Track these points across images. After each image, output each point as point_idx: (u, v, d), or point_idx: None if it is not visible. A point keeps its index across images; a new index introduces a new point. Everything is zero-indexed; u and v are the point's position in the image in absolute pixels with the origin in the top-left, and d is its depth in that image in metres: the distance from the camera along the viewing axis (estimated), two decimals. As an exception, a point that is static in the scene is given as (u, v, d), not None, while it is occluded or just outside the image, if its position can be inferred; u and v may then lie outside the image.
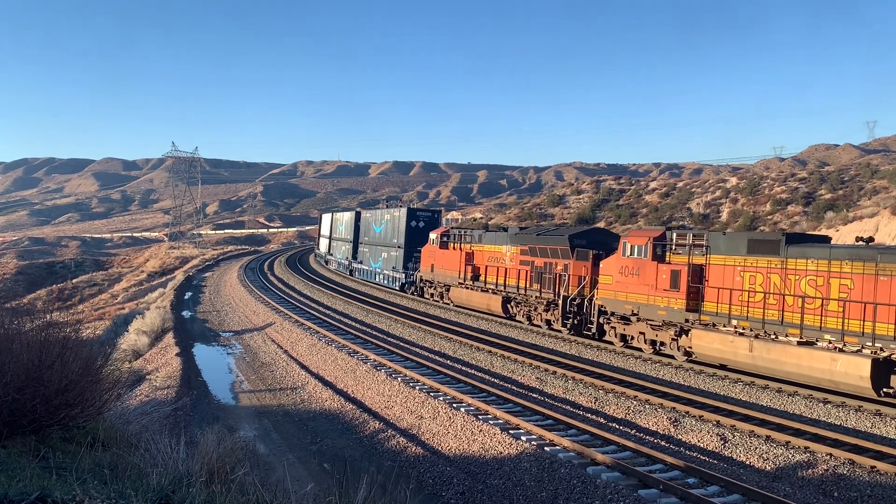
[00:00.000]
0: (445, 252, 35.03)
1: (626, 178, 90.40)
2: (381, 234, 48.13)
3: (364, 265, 51.78)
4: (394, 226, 45.36)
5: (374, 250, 49.27)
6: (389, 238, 45.86)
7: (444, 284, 35.42)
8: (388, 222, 46.85)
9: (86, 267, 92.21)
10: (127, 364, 23.47)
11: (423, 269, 37.76)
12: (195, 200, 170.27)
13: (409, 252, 41.85)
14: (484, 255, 32.05)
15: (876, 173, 57.27)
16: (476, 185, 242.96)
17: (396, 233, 44.44)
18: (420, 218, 44.12)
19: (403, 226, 43.29)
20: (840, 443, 13.34)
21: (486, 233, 33.01)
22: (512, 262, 29.58)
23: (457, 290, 33.40)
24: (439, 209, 65.29)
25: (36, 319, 10.32)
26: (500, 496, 11.32)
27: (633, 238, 22.63)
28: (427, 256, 37.18)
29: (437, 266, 35.76)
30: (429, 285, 37.75)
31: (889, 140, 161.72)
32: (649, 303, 21.35)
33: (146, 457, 7.60)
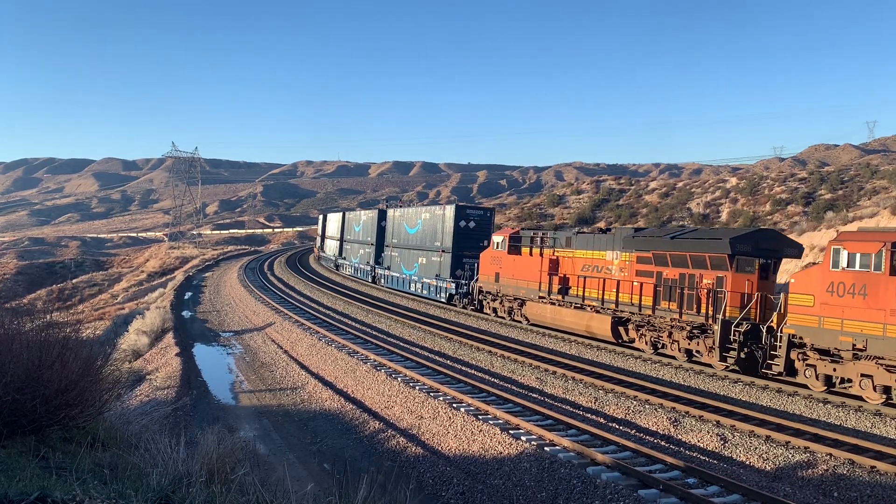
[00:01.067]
0: (517, 259, 28.92)
1: (626, 178, 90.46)
2: (418, 236, 41.45)
3: (393, 272, 44.77)
4: (435, 226, 38.68)
5: (408, 255, 42.54)
6: (429, 241, 39.31)
7: (515, 298, 29.36)
8: (426, 222, 40.36)
9: (86, 267, 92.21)
10: (127, 364, 23.48)
11: (483, 279, 31.52)
12: (195, 200, 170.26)
13: (457, 258, 35.44)
14: (576, 262, 25.95)
15: (876, 173, 57.28)
16: (476, 185, 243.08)
17: (440, 235, 37.80)
18: (471, 217, 37.07)
19: (450, 226, 36.47)
20: (840, 443, 13.33)
21: (577, 235, 26.78)
22: (623, 273, 23.41)
23: (536, 306, 27.48)
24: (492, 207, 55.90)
25: (36, 319, 10.32)
26: (500, 496, 11.32)
27: (853, 243, 16.40)
28: (489, 263, 31.02)
29: (505, 275, 29.75)
30: (491, 298, 31.46)
31: (889, 140, 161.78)
32: (887, 334, 15.33)
33: (146, 457, 7.60)
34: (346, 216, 61.78)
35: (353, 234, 56.98)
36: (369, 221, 52.14)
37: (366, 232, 52.74)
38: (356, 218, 57.94)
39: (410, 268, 41.85)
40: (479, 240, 35.39)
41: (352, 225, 58.30)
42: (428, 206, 44.90)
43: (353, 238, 57.28)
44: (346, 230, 59.86)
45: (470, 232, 36.47)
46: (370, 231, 51.16)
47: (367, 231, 52.59)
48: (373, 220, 50.97)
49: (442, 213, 38.34)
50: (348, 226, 59.71)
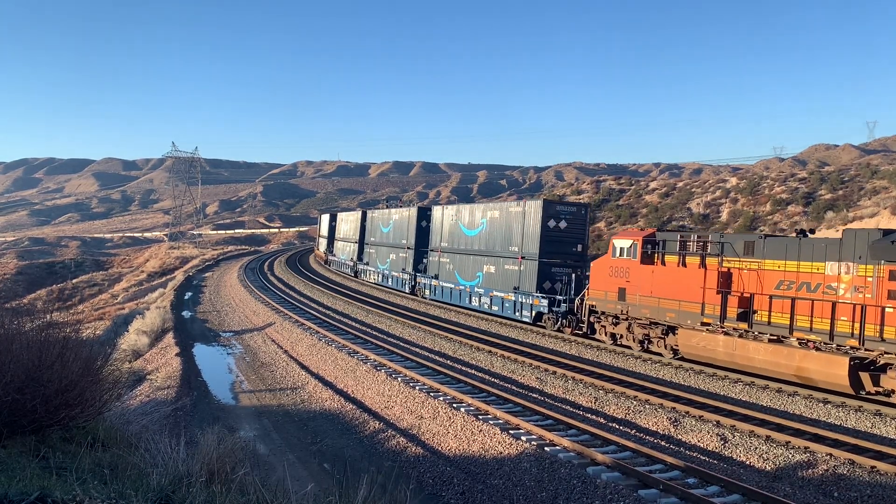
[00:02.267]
0: (658, 270, 21.76)
1: (626, 178, 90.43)
2: (481, 238, 33.94)
3: (444, 282, 36.95)
4: (510, 227, 31.28)
5: (466, 262, 34.98)
6: (499, 245, 31.97)
7: (653, 322, 21.99)
8: (494, 223, 32.82)
9: (86, 267, 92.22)
10: (127, 364, 23.47)
11: (597, 295, 24.27)
12: (195, 200, 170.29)
13: (545, 266, 28.49)
14: (764, 277, 18.98)
15: (876, 173, 57.27)
16: (476, 185, 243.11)
17: (518, 237, 30.45)
18: (562, 215, 29.11)
19: (535, 227, 28.98)
20: (840, 443, 13.33)
21: (766, 240, 19.42)
22: (862, 293, 16.53)
23: (695, 336, 20.23)
24: (587, 202, 46.73)
25: (36, 319, 10.32)
26: (500, 496, 11.32)
27: None
28: (606, 276, 23.77)
29: (637, 292, 22.41)
30: (611, 321, 23.81)
31: (889, 140, 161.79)
32: None
33: (146, 457, 7.60)
34: (370, 215, 54.10)
35: (380, 236, 49.59)
36: (404, 221, 45.12)
37: (399, 233, 45.71)
38: (383, 217, 50.27)
39: (470, 277, 34.36)
40: (571, 244, 28.99)
41: (376, 225, 50.99)
42: (496, 203, 36.93)
43: (379, 240, 49.59)
44: (370, 231, 52.59)
45: (560, 234, 28.94)
46: (406, 233, 44.15)
47: (400, 233, 45.51)
48: (409, 220, 44.07)
49: (521, 211, 30.45)
50: (371, 226, 52.51)
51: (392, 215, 48.40)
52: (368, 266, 51.58)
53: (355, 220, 58.30)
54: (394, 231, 46.83)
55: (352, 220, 60.55)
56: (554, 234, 28.83)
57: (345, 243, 61.96)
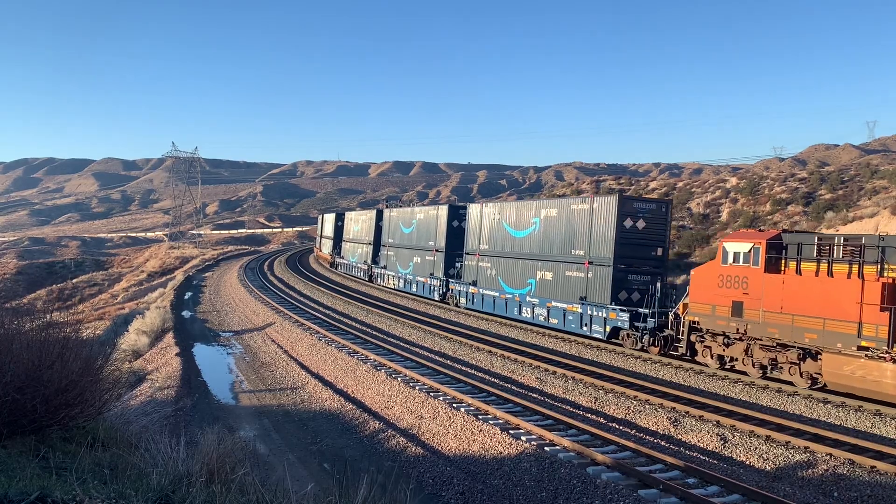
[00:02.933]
0: (791, 281, 17.95)
1: (626, 178, 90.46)
2: (533, 240, 29.60)
3: (484, 289, 32.82)
4: (571, 227, 27.12)
5: (512, 268, 30.81)
6: (557, 248, 27.84)
7: (783, 345, 18.27)
8: (550, 222, 28.50)
9: (86, 267, 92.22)
10: (127, 364, 23.49)
11: (699, 309, 20.46)
12: (195, 200, 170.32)
13: (620, 274, 24.57)
14: None
15: (876, 173, 57.29)
16: (476, 185, 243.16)
17: (582, 239, 26.35)
18: (639, 214, 25.05)
19: (607, 228, 24.91)
20: (840, 443, 13.34)
21: None
22: None
23: (851, 363, 16.29)
24: (668, 199, 41.54)
25: (36, 319, 10.32)
26: (500, 496, 11.32)
27: None
28: (713, 286, 19.94)
29: (760, 306, 18.56)
30: (721, 341, 19.96)
31: (889, 140, 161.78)
32: None
33: (146, 457, 7.60)
34: (388, 215, 49.37)
35: (400, 238, 45.41)
36: (431, 221, 40.79)
37: (424, 234, 41.47)
38: (403, 216, 45.95)
39: (519, 285, 29.99)
40: (650, 247, 25.05)
41: (396, 225, 46.64)
42: (553, 200, 32.01)
43: (399, 242, 45.55)
44: (388, 232, 48.01)
45: (638, 236, 24.88)
46: (434, 233, 39.88)
47: (426, 233, 41.27)
48: (437, 220, 39.71)
49: (588, 209, 26.24)
50: (389, 226, 47.91)
51: (416, 214, 44.11)
52: (386, 270, 47.17)
53: (368, 220, 54.20)
54: (418, 232, 42.46)
55: (364, 219, 56.32)
56: (630, 236, 24.72)
57: (355, 245, 57.67)
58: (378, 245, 50.23)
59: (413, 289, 41.67)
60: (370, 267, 51.05)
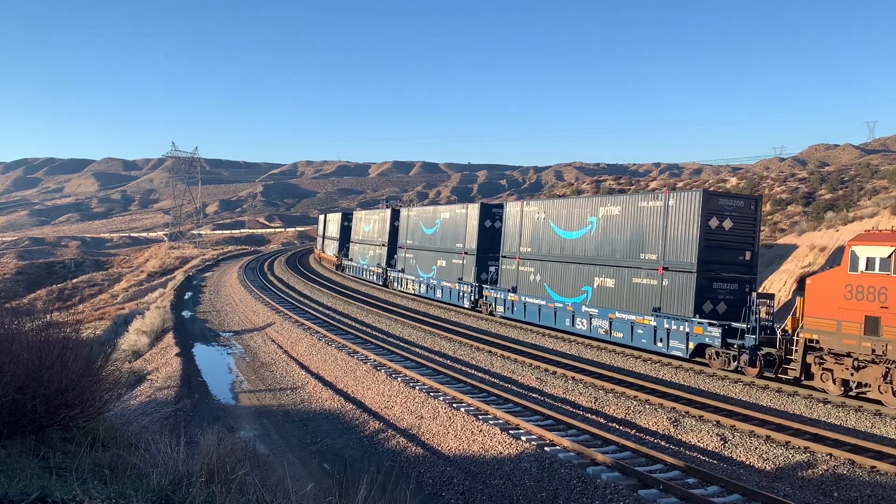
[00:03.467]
0: None
1: (626, 178, 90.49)
2: (587, 243, 26.12)
3: (527, 296, 29.10)
4: (640, 227, 23.64)
5: (561, 274, 27.32)
6: (621, 251, 24.29)
7: None
8: (609, 222, 25.12)
9: (86, 267, 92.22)
10: (127, 364, 23.49)
11: (818, 325, 17.18)
12: (195, 200, 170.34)
13: (705, 282, 21.29)
14: None
15: (876, 173, 57.31)
16: (476, 185, 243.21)
17: (657, 241, 22.74)
18: (726, 212, 21.76)
19: (692, 228, 21.54)
20: (840, 443, 13.34)
21: None
22: None
23: None
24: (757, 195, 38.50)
25: (36, 319, 10.31)
26: (500, 496, 11.32)
27: None
28: (841, 298, 16.60)
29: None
30: (851, 364, 16.43)
31: (889, 140, 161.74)
32: None
33: (146, 457, 7.60)
34: (406, 214, 45.69)
35: (421, 239, 41.83)
36: (459, 221, 36.90)
37: (451, 236, 37.51)
38: (425, 216, 42.18)
39: (571, 293, 26.39)
40: (738, 250, 21.85)
41: (415, 226, 42.89)
42: (614, 196, 27.55)
43: (420, 244, 41.93)
44: (407, 233, 44.28)
45: (725, 237, 21.70)
46: (463, 235, 36.03)
47: (452, 234, 37.36)
48: (467, 220, 35.97)
49: (661, 206, 22.81)
50: (408, 227, 44.16)
51: (440, 214, 40.29)
52: (405, 274, 43.33)
53: (382, 220, 50.23)
54: (443, 233, 38.68)
55: (376, 219, 52.11)
56: (716, 238, 21.46)
57: (366, 246, 53.66)
58: (394, 247, 46.73)
59: (437, 295, 37.94)
60: (385, 270, 47.56)
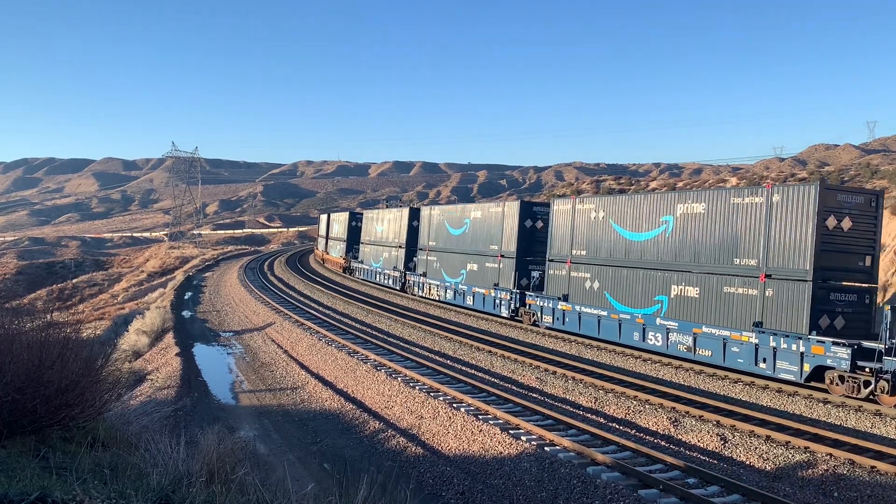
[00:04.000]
0: None
1: (626, 178, 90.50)
2: (660, 246, 23.13)
3: (582, 305, 25.84)
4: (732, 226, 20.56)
5: (627, 281, 24.17)
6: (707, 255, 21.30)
7: None
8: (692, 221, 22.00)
9: (86, 267, 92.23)
10: (127, 364, 23.50)
11: None
12: (195, 200, 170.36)
13: (822, 293, 18.30)
14: None
15: (876, 173, 57.29)
16: (476, 185, 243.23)
17: (755, 244, 19.76)
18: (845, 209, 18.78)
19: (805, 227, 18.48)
20: (840, 443, 13.34)
21: None
22: None
23: None
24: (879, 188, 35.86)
25: (36, 319, 10.32)
26: (500, 496, 11.32)
27: None
28: None
29: None
30: None
31: (889, 140, 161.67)
32: None
33: (146, 457, 7.60)
34: (427, 214, 41.55)
35: (446, 241, 37.84)
36: (494, 221, 32.99)
37: (483, 237, 33.73)
38: (451, 216, 38.21)
39: (639, 303, 23.35)
40: (858, 254, 19.00)
41: (439, 226, 38.76)
42: (695, 192, 23.56)
43: (444, 246, 37.90)
44: (428, 234, 40.20)
45: (844, 239, 18.72)
46: (500, 236, 32.12)
47: (485, 236, 33.59)
48: (504, 220, 32.09)
49: (760, 202, 19.74)
50: (430, 228, 40.10)
51: (468, 213, 36.33)
52: (427, 278, 39.65)
53: (398, 220, 46.85)
54: (473, 234, 34.78)
55: (391, 219, 48.63)
56: (834, 239, 18.48)
57: (379, 248, 50.01)
58: (413, 249, 43.04)
59: (468, 302, 34.20)
60: (403, 274, 43.69)
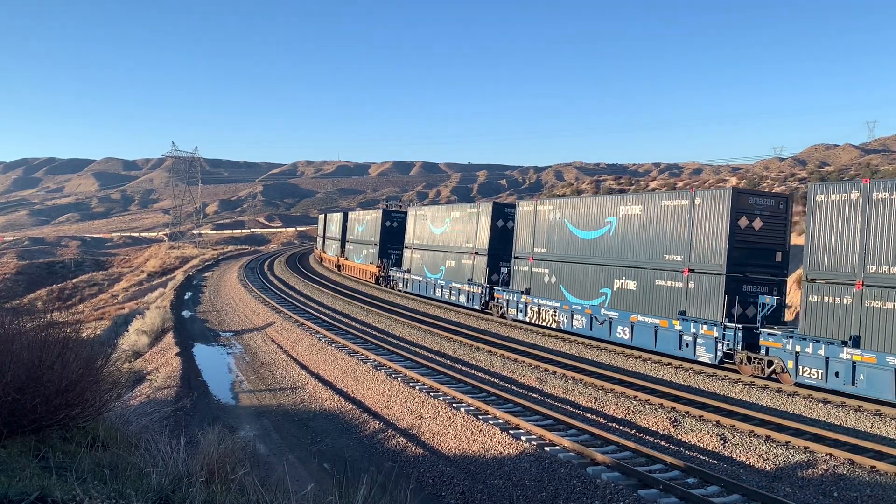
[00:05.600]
0: None
1: (626, 178, 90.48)
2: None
3: None
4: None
5: None
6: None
7: None
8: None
9: (86, 267, 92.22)
10: (127, 364, 23.49)
11: None
12: (195, 200, 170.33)
13: None
14: None
15: (876, 173, 57.29)
16: (476, 185, 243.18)
17: None
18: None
19: None
20: (840, 443, 13.34)
21: None
22: None
23: None
24: None
25: (36, 319, 10.32)
26: (500, 496, 11.32)
27: None
28: None
29: None
30: None
31: (889, 140, 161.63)
32: None
33: (146, 457, 7.60)
34: (524, 211, 30.40)
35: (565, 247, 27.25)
36: (666, 217, 22.77)
37: (645, 243, 23.35)
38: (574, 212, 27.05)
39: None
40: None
41: (552, 226, 28.08)
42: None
43: (559, 254, 27.57)
44: (527, 238, 29.76)
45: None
46: (711, 244, 20.97)
47: (649, 240, 23.25)
48: (688, 216, 21.86)
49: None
50: (536, 227, 29.12)
51: (619, 209, 24.79)
52: (539, 299, 28.13)
53: (468, 218, 35.44)
54: (623, 238, 24.35)
55: (459, 217, 36.77)
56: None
57: (437, 254, 38.58)
58: (497, 258, 32.71)
59: (629, 337, 23.24)
60: (487, 290, 32.30)
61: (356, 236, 56.30)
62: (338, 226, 65.78)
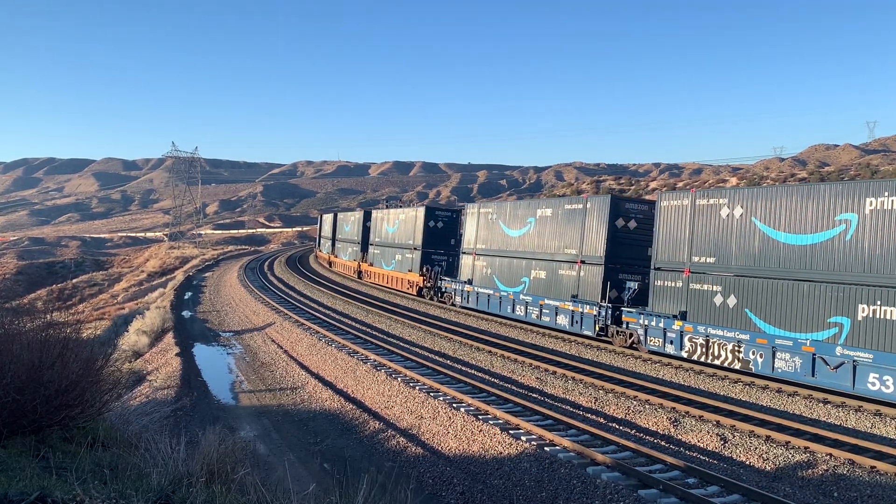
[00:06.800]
0: None
1: (626, 178, 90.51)
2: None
3: None
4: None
5: None
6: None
7: None
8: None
9: (86, 267, 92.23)
10: (127, 364, 23.49)
11: None
12: (195, 200, 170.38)
13: None
14: None
15: (876, 173, 57.31)
16: (476, 185, 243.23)
17: None
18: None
19: None
20: (840, 443, 13.34)
21: None
22: None
23: None
24: None
25: (36, 319, 10.31)
26: (500, 496, 11.32)
27: None
28: None
29: None
30: None
31: (889, 140, 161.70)
32: None
33: (146, 457, 7.60)
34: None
35: (727, 253, 20.39)
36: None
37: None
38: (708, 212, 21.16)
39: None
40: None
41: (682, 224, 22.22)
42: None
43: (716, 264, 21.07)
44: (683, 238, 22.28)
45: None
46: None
47: None
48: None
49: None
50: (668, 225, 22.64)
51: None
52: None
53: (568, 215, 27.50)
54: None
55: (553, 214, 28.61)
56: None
57: (516, 262, 30.75)
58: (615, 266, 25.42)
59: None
60: (607, 313, 24.32)
61: (384, 238, 49.32)
62: (356, 226, 58.43)
